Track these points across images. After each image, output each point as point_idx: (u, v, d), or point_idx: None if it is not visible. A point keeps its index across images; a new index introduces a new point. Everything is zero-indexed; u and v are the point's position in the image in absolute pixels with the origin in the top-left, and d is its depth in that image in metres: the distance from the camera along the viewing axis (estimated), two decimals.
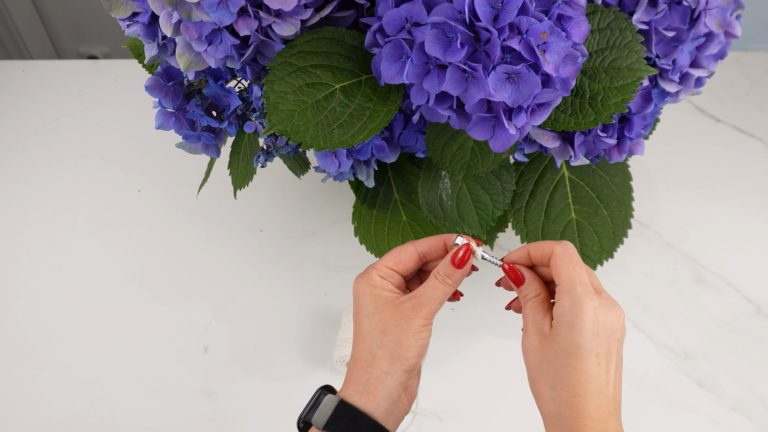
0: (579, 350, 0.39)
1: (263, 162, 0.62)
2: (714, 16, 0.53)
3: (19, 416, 0.72)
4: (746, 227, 0.91)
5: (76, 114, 1.09)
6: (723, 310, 0.81)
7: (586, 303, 0.40)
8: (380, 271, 0.46)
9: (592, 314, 0.39)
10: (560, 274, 0.41)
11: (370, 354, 0.44)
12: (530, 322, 0.43)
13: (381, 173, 0.72)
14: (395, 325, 0.44)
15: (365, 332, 0.45)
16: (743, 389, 0.74)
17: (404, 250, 0.47)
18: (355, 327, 0.46)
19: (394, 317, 0.44)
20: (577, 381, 0.39)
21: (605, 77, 0.52)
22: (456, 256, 0.45)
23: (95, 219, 0.92)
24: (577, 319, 0.39)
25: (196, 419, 0.72)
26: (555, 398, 0.39)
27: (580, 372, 0.39)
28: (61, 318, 0.81)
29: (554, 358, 0.40)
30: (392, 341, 0.43)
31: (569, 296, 0.40)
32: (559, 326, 0.40)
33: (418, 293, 0.45)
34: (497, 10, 0.43)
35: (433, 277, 0.45)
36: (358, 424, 0.43)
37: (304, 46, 0.51)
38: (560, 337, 0.40)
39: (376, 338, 0.44)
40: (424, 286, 0.45)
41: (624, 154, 0.61)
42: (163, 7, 0.49)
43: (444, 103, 0.49)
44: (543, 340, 0.41)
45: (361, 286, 0.46)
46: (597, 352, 0.39)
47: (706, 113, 1.08)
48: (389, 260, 0.47)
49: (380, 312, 0.44)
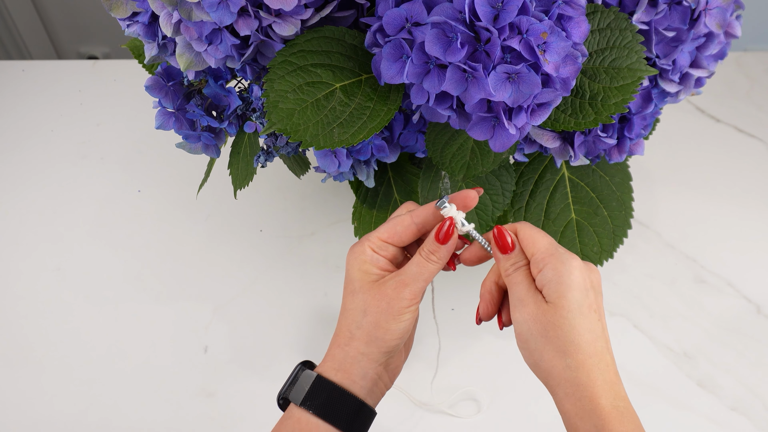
0: (581, 308, 0.38)
1: (263, 162, 0.62)
2: (714, 17, 0.53)
3: (19, 416, 0.72)
4: (746, 227, 0.91)
5: (76, 114, 1.09)
6: (723, 310, 0.81)
7: (572, 262, 0.39)
8: (373, 243, 0.44)
9: (580, 272, 0.39)
10: (537, 242, 0.41)
11: (348, 333, 0.43)
12: (525, 291, 0.40)
13: (381, 173, 0.72)
14: (376, 306, 0.42)
15: (348, 309, 0.44)
16: (743, 389, 0.74)
17: (401, 222, 0.45)
18: (342, 301, 0.45)
19: (376, 297, 0.42)
20: (587, 341, 0.38)
21: (605, 77, 0.52)
22: (440, 231, 0.43)
23: (95, 219, 0.92)
24: (572, 278, 0.39)
25: (196, 419, 0.72)
26: (570, 364, 0.38)
27: (589, 331, 0.38)
28: (61, 318, 0.81)
29: (561, 322, 0.38)
30: (371, 323, 0.42)
31: (555, 259, 0.39)
32: (556, 289, 0.39)
33: (402, 271, 0.43)
34: (497, 10, 0.43)
35: (417, 254, 0.43)
36: (335, 399, 0.42)
37: (305, 45, 0.51)
38: (562, 299, 0.38)
39: (356, 318, 0.43)
40: (410, 264, 0.43)
41: (624, 155, 0.61)
42: (164, 7, 0.49)
43: (444, 103, 0.49)
44: (542, 307, 0.39)
45: (351, 260, 0.45)
46: (594, 307, 0.39)
47: (706, 113, 1.08)
48: (383, 232, 0.45)
49: (364, 290, 0.43)
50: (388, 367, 0.45)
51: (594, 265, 0.41)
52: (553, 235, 0.69)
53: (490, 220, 0.66)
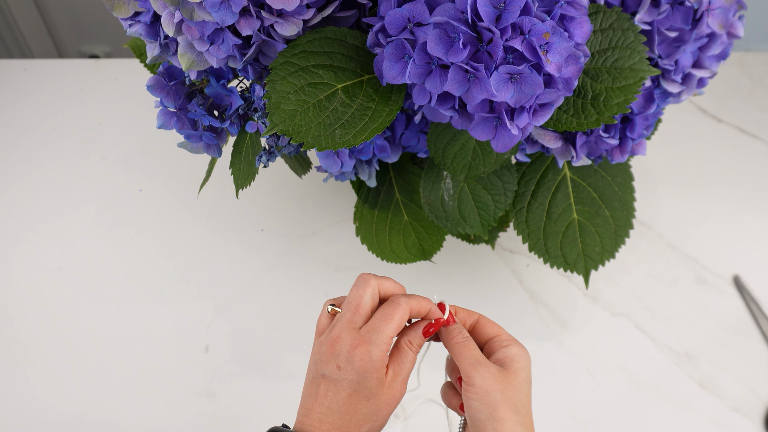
0: (529, 385, 0.47)
1: (265, 162, 0.62)
2: (716, 17, 0.53)
3: (19, 416, 0.72)
4: (748, 228, 0.90)
5: (77, 113, 1.09)
6: (724, 310, 0.81)
7: (527, 351, 0.49)
8: (388, 344, 0.47)
9: (530, 361, 0.49)
10: (499, 328, 0.50)
11: (356, 429, 0.46)
12: (480, 355, 0.47)
13: (383, 173, 0.72)
14: (387, 406, 0.46)
15: (359, 412, 0.46)
16: (744, 390, 0.74)
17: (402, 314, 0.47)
18: (348, 402, 0.45)
19: (386, 401, 0.46)
20: (529, 409, 0.47)
21: (607, 77, 0.52)
22: (430, 328, 0.49)
23: (96, 218, 0.93)
24: (529, 362, 0.48)
25: (197, 419, 0.72)
26: (522, 421, 0.45)
27: (528, 402, 0.47)
28: (62, 317, 0.81)
29: (518, 387, 0.46)
30: (383, 418, 0.47)
31: (517, 343, 0.49)
32: (518, 362, 0.47)
33: (393, 362, 0.47)
34: (500, 11, 0.43)
35: (404, 346, 0.48)
36: None
37: (306, 46, 0.51)
38: (521, 371, 0.47)
39: (370, 418, 0.46)
40: (399, 355, 0.48)
41: (626, 155, 0.61)
42: (165, 7, 0.48)
43: (446, 103, 0.49)
44: (503, 371, 0.46)
45: (371, 369, 0.45)
46: (530, 388, 0.48)
47: (708, 114, 1.08)
48: (392, 330, 0.46)
49: (379, 396, 0.46)
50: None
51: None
52: (554, 235, 0.69)
53: (492, 220, 0.66)
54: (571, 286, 0.84)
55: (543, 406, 0.73)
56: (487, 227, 0.66)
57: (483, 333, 0.50)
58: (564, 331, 0.79)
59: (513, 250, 0.88)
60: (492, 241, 0.76)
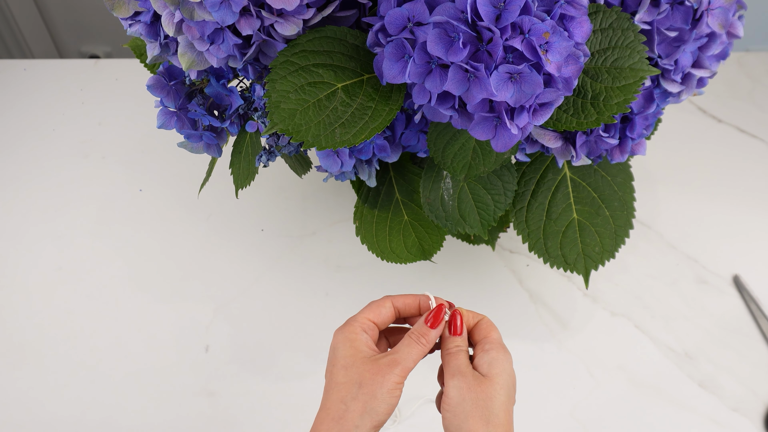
0: (508, 390, 0.46)
1: (265, 162, 0.62)
2: (716, 17, 0.53)
3: (20, 416, 0.72)
4: (748, 228, 0.91)
5: (77, 113, 1.09)
6: (724, 310, 0.81)
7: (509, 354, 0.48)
8: (363, 324, 0.48)
9: (512, 367, 0.48)
10: (492, 332, 0.49)
11: (342, 405, 0.44)
12: (465, 365, 0.47)
13: (382, 173, 0.72)
14: (372, 379, 0.45)
15: (340, 383, 0.45)
16: (744, 390, 0.74)
17: (383, 304, 0.49)
18: (329, 377, 0.46)
19: (371, 371, 0.45)
20: (505, 418, 0.45)
21: (607, 77, 0.52)
22: (430, 316, 0.48)
23: (96, 218, 0.93)
24: (509, 366, 0.47)
25: (197, 419, 0.72)
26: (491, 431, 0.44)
27: (506, 411, 0.45)
28: (62, 317, 0.81)
29: (492, 394, 0.45)
30: (367, 394, 0.44)
31: (503, 348, 0.48)
32: (496, 366, 0.46)
33: (394, 351, 0.47)
34: (499, 10, 0.43)
35: (407, 337, 0.48)
36: None
37: (306, 45, 0.51)
38: (498, 376, 0.46)
39: (351, 390, 0.45)
40: (400, 345, 0.47)
41: (626, 155, 0.61)
42: (166, 7, 0.49)
43: (446, 103, 0.49)
44: (479, 379, 0.45)
45: (342, 338, 0.47)
46: (512, 397, 0.46)
47: (707, 114, 1.08)
48: (370, 313, 0.49)
49: (357, 365, 0.46)
50: None
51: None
52: (554, 235, 0.69)
53: (492, 220, 0.66)
54: (571, 286, 0.84)
55: (543, 406, 0.73)
56: (487, 227, 0.66)
57: (476, 334, 0.50)
58: (564, 331, 0.79)
59: (513, 250, 0.88)
60: (492, 241, 0.76)
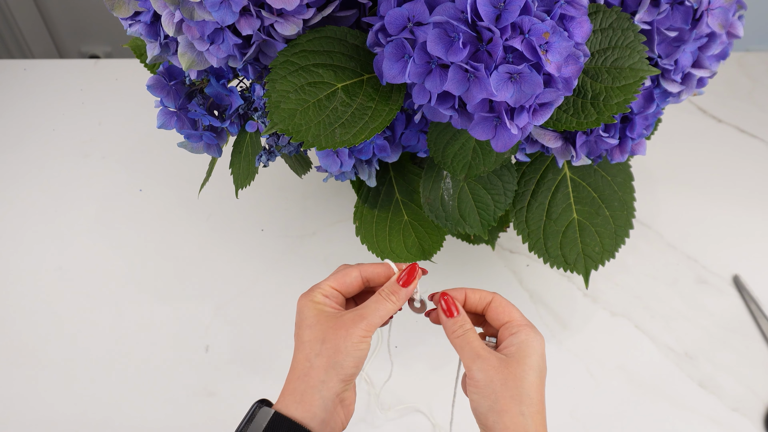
0: (539, 371, 0.45)
1: (265, 161, 0.62)
2: (716, 17, 0.53)
3: (19, 416, 0.72)
4: (748, 228, 0.91)
5: (77, 113, 1.09)
6: (724, 310, 0.81)
7: (540, 335, 0.47)
8: (324, 290, 0.49)
9: (542, 346, 0.47)
10: (512, 312, 0.48)
11: (307, 363, 0.45)
12: (480, 347, 0.47)
13: (382, 173, 0.72)
14: (335, 334, 0.45)
15: (305, 341, 0.46)
16: (744, 390, 0.74)
17: (349, 273, 0.50)
18: (296, 339, 0.47)
19: (334, 327, 0.46)
20: (537, 398, 0.44)
21: (607, 77, 0.52)
22: (403, 275, 0.48)
23: (96, 218, 0.93)
24: (538, 345, 0.46)
25: (197, 419, 0.72)
26: (524, 411, 0.43)
27: (537, 391, 0.45)
28: (62, 317, 0.81)
29: (522, 375, 0.44)
30: (330, 348, 0.45)
31: (529, 328, 0.47)
32: (525, 349, 0.46)
33: (361, 307, 0.47)
34: (499, 10, 0.43)
35: (377, 294, 0.48)
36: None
37: (306, 45, 0.51)
38: (528, 358, 0.45)
39: (315, 347, 0.45)
40: (369, 301, 0.47)
41: (626, 155, 0.61)
42: (166, 7, 0.49)
43: (446, 103, 0.49)
44: (505, 361, 0.45)
45: (304, 302, 0.48)
46: (543, 376, 0.46)
47: (707, 114, 1.08)
48: (333, 281, 0.49)
49: (321, 322, 0.46)
50: (344, 402, 0.46)
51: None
52: (554, 235, 0.69)
53: (492, 220, 0.66)
54: (571, 286, 0.84)
55: None
56: (487, 227, 0.66)
57: (496, 318, 0.49)
58: (564, 331, 0.79)
59: (513, 250, 0.88)
60: (492, 241, 0.76)
